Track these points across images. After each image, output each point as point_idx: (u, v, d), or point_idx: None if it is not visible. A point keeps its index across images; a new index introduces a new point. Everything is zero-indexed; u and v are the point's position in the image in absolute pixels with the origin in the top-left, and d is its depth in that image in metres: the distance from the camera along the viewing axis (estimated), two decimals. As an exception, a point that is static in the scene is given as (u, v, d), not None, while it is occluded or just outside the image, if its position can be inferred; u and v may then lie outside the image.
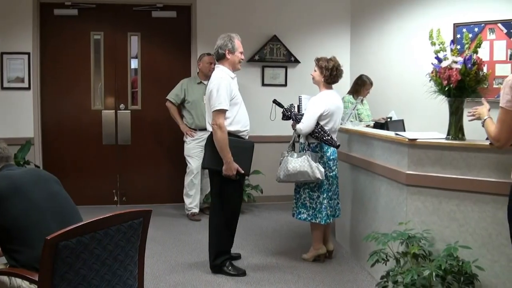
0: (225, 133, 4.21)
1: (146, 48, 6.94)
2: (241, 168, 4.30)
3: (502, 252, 3.40)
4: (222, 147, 4.21)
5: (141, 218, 2.41)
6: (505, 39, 5.89)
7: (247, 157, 4.38)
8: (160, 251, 5.06)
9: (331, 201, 4.71)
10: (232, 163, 4.23)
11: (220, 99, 4.19)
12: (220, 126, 4.20)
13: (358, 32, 7.34)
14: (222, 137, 4.21)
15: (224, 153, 4.21)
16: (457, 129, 3.70)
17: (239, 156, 4.29)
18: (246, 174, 4.42)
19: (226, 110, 4.23)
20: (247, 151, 4.39)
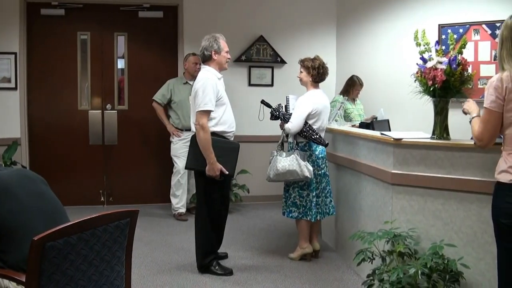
0: (207, 134, 4.20)
1: (132, 48, 6.93)
2: (226, 168, 4.28)
3: (487, 250, 3.43)
4: (205, 147, 4.20)
5: (128, 218, 2.40)
6: (490, 40, 5.95)
7: (232, 158, 4.35)
8: (147, 251, 5.05)
9: (319, 199, 4.74)
10: (215, 163, 4.22)
11: (205, 100, 4.18)
12: (203, 127, 4.18)
13: (343, 33, 7.38)
14: (204, 137, 4.20)
15: (207, 153, 4.20)
16: (442, 129, 3.73)
17: (224, 157, 4.28)
18: (230, 175, 4.41)
19: (210, 111, 4.23)
20: (232, 152, 4.37)
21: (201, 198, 4.48)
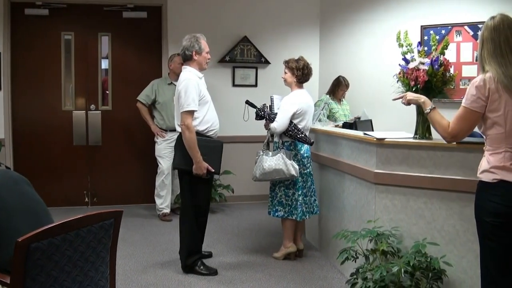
0: (193, 133, 4.24)
1: (116, 49, 6.90)
2: (211, 167, 4.33)
3: (469, 248, 3.48)
4: (191, 146, 4.24)
5: (112, 219, 2.40)
6: (472, 41, 6.02)
7: (216, 156, 4.41)
8: (132, 252, 5.04)
9: (306, 198, 4.77)
10: (201, 162, 4.26)
11: (188, 100, 4.22)
12: (188, 127, 4.22)
13: (327, 33, 7.42)
14: (190, 137, 4.23)
15: (193, 152, 4.24)
16: (424, 129, 3.78)
17: (209, 155, 4.33)
18: (216, 172, 4.45)
19: (194, 111, 4.26)
20: (217, 150, 4.42)
21: (186, 198, 4.48)
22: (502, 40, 2.68)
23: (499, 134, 2.69)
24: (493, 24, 2.71)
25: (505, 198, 2.65)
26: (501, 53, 2.67)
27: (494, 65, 2.67)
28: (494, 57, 2.68)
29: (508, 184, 2.65)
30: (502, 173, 2.67)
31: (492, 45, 2.69)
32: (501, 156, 2.69)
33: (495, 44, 2.68)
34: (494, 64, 2.67)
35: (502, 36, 2.68)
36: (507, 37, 2.68)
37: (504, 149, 2.68)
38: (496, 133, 2.70)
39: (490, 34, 2.70)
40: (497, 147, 2.71)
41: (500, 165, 2.68)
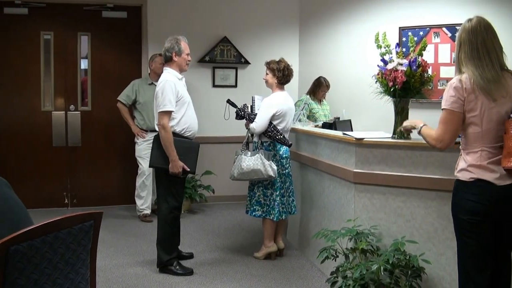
0: (169, 133, 4.30)
1: (96, 49, 6.85)
2: (187, 166, 4.39)
3: (447, 245, 3.53)
4: (167, 146, 4.30)
5: (92, 220, 2.39)
6: (450, 43, 6.10)
7: (192, 156, 4.48)
8: (112, 253, 5.01)
9: (283, 198, 4.79)
10: (177, 161, 4.32)
11: (165, 101, 4.28)
12: (164, 127, 4.29)
13: (306, 34, 7.45)
14: (166, 136, 4.30)
15: (169, 151, 4.30)
16: (403, 128, 3.82)
17: (185, 155, 4.39)
18: (192, 172, 4.51)
19: (170, 111, 4.32)
20: (193, 150, 4.48)
21: (163, 196, 4.52)
22: (479, 42, 2.72)
23: (476, 133, 2.74)
24: (471, 26, 2.75)
25: (482, 196, 2.71)
26: (478, 56, 2.71)
27: (471, 67, 2.71)
28: (471, 59, 2.72)
29: (484, 183, 2.70)
30: (478, 172, 2.72)
31: (469, 47, 2.73)
32: (478, 155, 2.74)
33: (472, 46, 2.72)
34: (471, 66, 2.71)
35: (479, 38, 2.72)
36: (484, 39, 2.72)
37: (481, 148, 2.73)
38: (472, 132, 2.74)
39: (468, 36, 2.73)
40: (473, 147, 2.76)
41: (477, 164, 2.73)
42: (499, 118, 2.71)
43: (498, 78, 2.70)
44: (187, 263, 4.69)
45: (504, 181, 2.70)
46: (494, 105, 2.69)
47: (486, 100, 2.69)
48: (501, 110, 2.71)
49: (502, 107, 2.71)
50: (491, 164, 2.71)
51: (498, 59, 2.74)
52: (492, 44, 2.74)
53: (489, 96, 2.69)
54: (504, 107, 2.72)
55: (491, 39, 2.74)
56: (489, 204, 2.70)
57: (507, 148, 2.65)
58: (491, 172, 2.71)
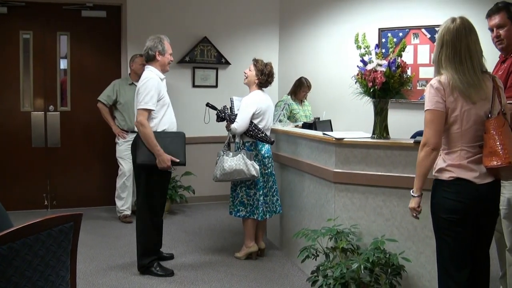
0: (148, 128, 4.24)
1: (75, 48, 6.79)
2: (175, 157, 4.33)
3: (427, 243, 3.57)
4: (148, 142, 4.24)
5: (72, 222, 2.37)
6: (429, 44, 6.16)
7: (179, 146, 4.40)
8: (92, 255, 4.98)
9: (267, 198, 4.81)
10: (163, 154, 4.26)
11: (146, 98, 4.22)
12: (142, 123, 4.23)
13: (286, 35, 7.48)
14: (145, 132, 4.24)
15: (152, 146, 4.24)
16: (382, 129, 3.86)
17: (171, 147, 4.33)
18: (182, 163, 4.44)
19: (151, 110, 4.26)
20: (178, 140, 4.42)
21: (142, 198, 4.47)
22: (463, 47, 2.73)
23: (455, 133, 2.77)
24: (455, 28, 2.75)
25: (461, 195, 2.75)
26: (460, 60, 2.73)
27: (451, 70, 2.73)
28: (452, 63, 2.73)
29: (464, 182, 2.75)
30: (458, 171, 2.76)
31: (452, 51, 2.73)
32: (457, 154, 2.78)
33: (455, 51, 2.73)
34: (451, 69, 2.73)
35: (463, 42, 2.73)
36: (468, 44, 2.74)
37: (460, 148, 2.77)
38: (452, 132, 2.78)
39: (452, 38, 2.74)
40: (453, 146, 2.79)
41: (456, 163, 2.77)
42: (478, 118, 2.75)
43: (479, 83, 2.74)
44: (167, 264, 4.67)
45: (483, 180, 2.75)
46: (473, 106, 2.73)
47: (465, 102, 2.72)
48: (480, 111, 2.75)
49: (481, 108, 2.75)
50: (470, 163, 2.75)
51: (479, 63, 2.78)
52: (475, 48, 2.77)
53: (468, 99, 2.72)
54: (483, 108, 2.76)
55: (474, 42, 2.76)
56: (469, 202, 2.75)
57: (489, 147, 2.70)
58: (470, 171, 2.75)
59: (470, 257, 2.82)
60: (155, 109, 4.29)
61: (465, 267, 2.81)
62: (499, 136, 2.68)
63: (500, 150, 2.66)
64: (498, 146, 2.66)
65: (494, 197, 2.87)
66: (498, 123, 2.71)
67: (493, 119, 2.73)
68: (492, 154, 2.68)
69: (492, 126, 2.71)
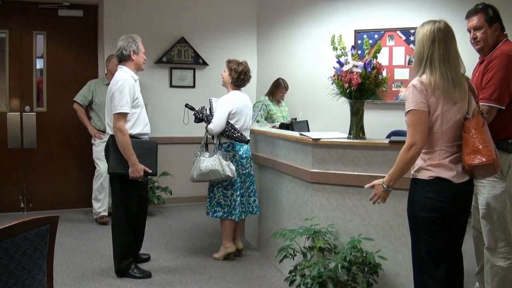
0: (126, 136, 4.18)
1: (52, 48, 6.72)
2: (148, 168, 4.30)
3: (403, 242, 3.62)
4: (125, 150, 4.19)
5: (48, 225, 2.35)
6: (404, 46, 6.25)
7: (152, 157, 4.37)
8: (69, 258, 4.93)
9: (243, 198, 4.82)
10: (138, 164, 4.22)
11: (122, 102, 4.16)
12: (121, 129, 4.16)
13: (264, 36, 7.51)
14: (123, 140, 4.18)
15: (128, 155, 4.19)
16: (358, 129, 3.89)
17: (144, 157, 4.29)
18: (153, 174, 4.42)
19: (127, 113, 4.21)
20: (152, 151, 4.39)
21: (117, 201, 4.43)
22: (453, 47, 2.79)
23: (436, 133, 2.82)
24: (445, 28, 2.80)
25: (442, 194, 2.80)
26: (452, 58, 2.77)
27: (442, 68, 2.74)
28: (445, 61, 2.75)
29: (443, 181, 2.80)
30: (437, 171, 2.81)
31: (445, 48, 2.77)
32: (437, 154, 2.82)
33: (448, 49, 2.77)
34: (442, 67, 2.75)
35: (453, 42, 2.79)
36: (455, 44, 2.81)
37: (440, 148, 2.82)
38: (432, 132, 2.82)
39: (444, 37, 2.77)
40: (433, 146, 2.84)
41: (436, 163, 2.81)
42: (457, 119, 2.80)
43: (463, 83, 2.80)
44: (145, 265, 4.66)
45: (460, 179, 2.81)
46: (452, 107, 2.78)
47: (445, 102, 2.77)
48: (459, 111, 2.80)
49: (461, 108, 2.81)
50: (449, 163, 2.81)
51: (462, 64, 2.85)
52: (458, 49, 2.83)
53: (450, 100, 2.77)
54: (462, 109, 2.82)
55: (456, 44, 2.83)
56: (449, 201, 2.80)
57: (471, 146, 2.74)
58: (449, 170, 2.80)
59: (447, 254, 2.88)
60: (130, 112, 4.23)
61: (443, 263, 2.86)
62: (481, 135, 2.74)
63: (483, 148, 2.72)
64: (480, 145, 2.72)
65: (469, 196, 2.94)
66: (478, 123, 2.77)
67: (474, 119, 2.79)
68: (475, 153, 2.73)
69: (472, 126, 2.77)
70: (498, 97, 3.29)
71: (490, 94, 3.27)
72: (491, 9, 3.45)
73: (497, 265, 3.42)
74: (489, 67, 3.36)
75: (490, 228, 3.42)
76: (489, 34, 3.42)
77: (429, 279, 2.88)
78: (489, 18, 3.43)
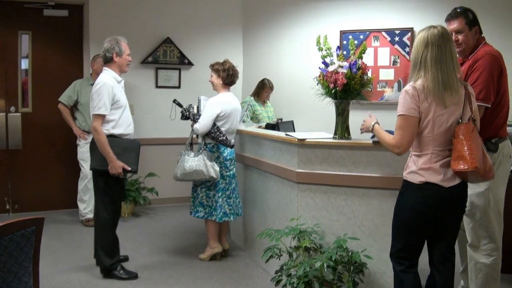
0: (101, 135, 4.25)
1: (37, 48, 6.67)
2: (127, 165, 4.35)
3: (388, 241, 3.59)
4: (101, 148, 4.26)
5: (34, 227, 2.35)
6: (389, 46, 6.29)
7: (133, 154, 4.43)
8: (55, 260, 4.90)
9: (229, 200, 4.83)
10: (116, 161, 4.27)
11: (99, 104, 4.24)
12: (96, 129, 4.26)
13: (250, 36, 7.52)
14: (98, 139, 4.27)
15: (105, 152, 4.26)
16: (343, 129, 3.91)
17: (124, 154, 4.35)
18: (133, 171, 4.46)
19: (104, 115, 4.28)
20: (132, 149, 4.44)
21: (101, 201, 4.45)
22: (447, 50, 2.82)
23: (427, 137, 2.87)
24: (440, 32, 2.84)
25: (429, 199, 2.86)
26: (445, 60, 2.80)
27: (434, 70, 2.78)
28: (438, 63, 2.79)
29: (432, 185, 2.84)
30: (427, 175, 2.85)
31: (438, 51, 2.80)
32: (428, 157, 2.87)
33: (442, 51, 2.81)
34: (435, 69, 2.79)
35: (447, 46, 2.82)
36: (451, 48, 2.84)
37: (431, 151, 2.87)
38: (424, 136, 2.87)
39: (438, 40, 2.81)
40: (424, 149, 2.89)
41: (426, 167, 2.86)
42: (449, 123, 2.83)
43: (457, 86, 2.83)
44: (131, 266, 4.64)
45: (449, 183, 2.85)
46: (445, 112, 2.82)
47: (437, 107, 2.81)
48: (451, 116, 2.84)
49: (453, 114, 2.84)
50: (439, 167, 2.85)
51: (458, 68, 2.90)
52: (455, 54, 2.88)
53: (442, 103, 2.80)
54: (455, 114, 2.85)
55: (454, 49, 2.88)
56: (436, 205, 2.86)
57: (457, 151, 2.79)
58: (438, 174, 2.84)
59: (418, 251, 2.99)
60: (108, 113, 4.29)
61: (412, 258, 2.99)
62: (468, 142, 2.77)
63: (468, 155, 2.75)
64: (466, 151, 2.76)
65: (460, 198, 2.97)
66: (467, 129, 2.81)
67: (463, 125, 2.82)
68: (460, 158, 2.77)
69: (461, 132, 2.80)
70: (485, 95, 3.34)
71: (478, 93, 3.32)
72: (471, 13, 3.52)
73: (480, 262, 3.48)
74: (475, 67, 3.40)
75: (473, 225, 3.48)
76: (470, 37, 3.48)
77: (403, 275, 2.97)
78: (470, 22, 3.49)
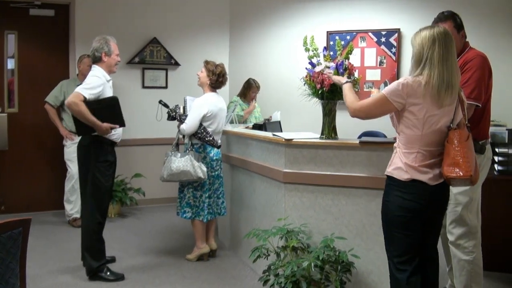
0: (80, 106, 4.09)
1: (23, 48, 6.62)
2: (115, 123, 4.30)
3: (375, 240, 3.66)
4: (85, 118, 4.15)
5: (21, 228, 2.34)
6: (375, 47, 6.33)
7: (114, 112, 4.32)
8: (42, 261, 4.87)
9: (211, 200, 4.85)
10: (101, 125, 4.21)
11: (88, 86, 4.17)
12: (75, 103, 4.09)
13: (237, 37, 7.53)
14: (79, 110, 4.11)
15: (90, 121, 4.16)
16: (330, 129, 3.93)
17: (106, 114, 4.26)
18: (122, 125, 4.39)
19: (86, 98, 4.13)
20: (112, 107, 4.32)
21: (88, 203, 4.43)
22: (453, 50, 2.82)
23: (415, 135, 2.85)
24: (444, 31, 2.84)
25: (417, 196, 2.85)
26: (451, 60, 2.80)
27: (440, 67, 2.77)
28: (445, 61, 2.78)
29: (419, 183, 2.84)
30: (413, 173, 2.85)
31: (445, 49, 2.79)
32: (414, 156, 2.86)
33: (448, 50, 2.80)
34: (441, 66, 2.77)
35: (453, 46, 2.83)
36: (454, 48, 2.84)
37: (417, 150, 2.86)
38: (412, 134, 2.86)
39: (445, 38, 2.80)
40: (410, 147, 2.88)
41: (412, 165, 2.85)
42: (439, 125, 2.83)
43: (456, 85, 2.83)
44: (118, 267, 4.63)
45: (435, 181, 2.85)
46: (437, 113, 2.80)
47: (430, 107, 2.79)
48: (443, 118, 2.83)
49: (445, 115, 2.83)
50: (426, 167, 2.84)
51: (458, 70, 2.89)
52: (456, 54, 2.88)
53: (438, 103, 2.78)
54: (448, 115, 2.84)
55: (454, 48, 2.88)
56: (423, 202, 2.85)
57: (452, 158, 2.78)
58: (425, 174, 2.84)
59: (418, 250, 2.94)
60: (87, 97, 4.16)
61: (414, 260, 2.92)
62: (462, 149, 2.77)
63: (462, 162, 2.75)
64: (461, 159, 2.76)
65: (443, 196, 2.99)
66: (462, 136, 2.80)
67: (458, 131, 2.82)
68: (455, 165, 2.76)
69: (456, 138, 2.80)
70: (476, 95, 3.38)
71: (470, 93, 3.35)
72: (458, 17, 3.56)
73: (463, 259, 3.52)
74: (466, 68, 3.44)
75: (456, 223, 3.52)
76: (458, 40, 3.49)
77: (400, 276, 2.94)
78: (458, 25, 3.54)
